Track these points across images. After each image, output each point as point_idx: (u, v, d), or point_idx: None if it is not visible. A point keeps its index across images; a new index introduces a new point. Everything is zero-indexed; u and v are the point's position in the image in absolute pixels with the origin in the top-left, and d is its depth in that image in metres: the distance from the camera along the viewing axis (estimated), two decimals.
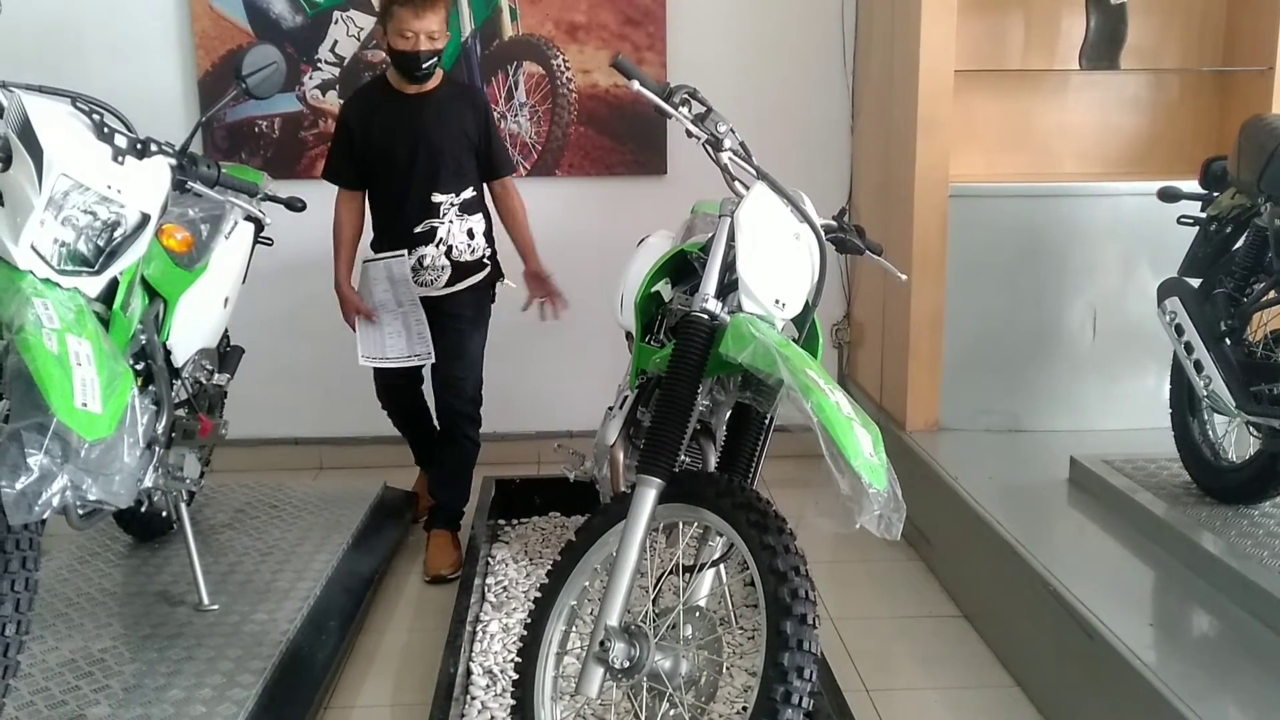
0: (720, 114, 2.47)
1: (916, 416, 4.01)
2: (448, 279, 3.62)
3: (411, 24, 3.35)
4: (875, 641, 3.22)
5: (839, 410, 2.10)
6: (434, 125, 3.52)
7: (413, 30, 3.36)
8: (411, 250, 3.56)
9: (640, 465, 2.30)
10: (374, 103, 3.56)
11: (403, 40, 3.38)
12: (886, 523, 2.07)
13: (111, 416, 1.99)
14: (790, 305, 2.39)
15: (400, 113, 3.52)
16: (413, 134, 3.51)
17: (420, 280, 3.59)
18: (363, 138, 3.54)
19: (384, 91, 3.57)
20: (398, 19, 3.36)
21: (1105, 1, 3.86)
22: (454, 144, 3.55)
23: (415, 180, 3.53)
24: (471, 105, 3.62)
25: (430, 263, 3.59)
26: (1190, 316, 2.91)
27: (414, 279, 3.57)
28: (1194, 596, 2.69)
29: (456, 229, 3.60)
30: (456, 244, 3.61)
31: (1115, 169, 4.26)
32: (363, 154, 3.56)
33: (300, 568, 3.24)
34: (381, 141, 3.53)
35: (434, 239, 3.58)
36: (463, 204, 3.61)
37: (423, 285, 3.60)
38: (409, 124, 3.51)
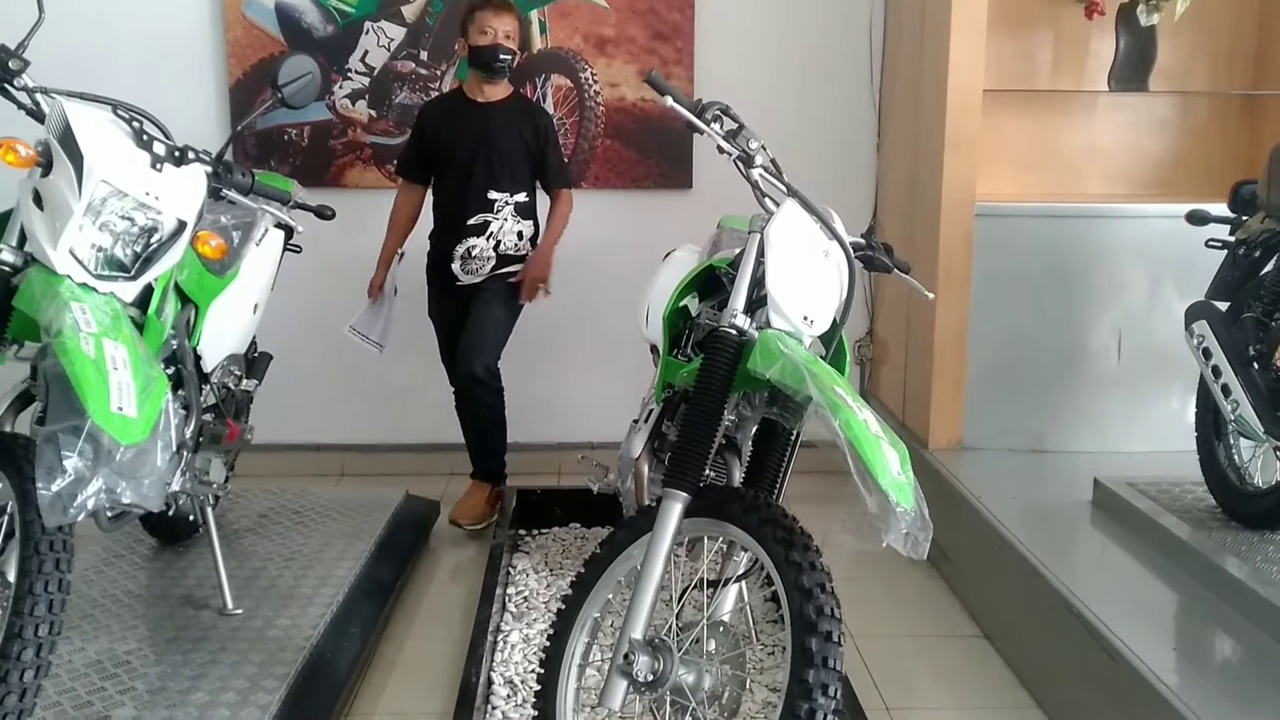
0: (752, 130, 2.48)
1: (939, 435, 4.01)
2: (490, 269, 3.98)
3: (491, 21, 3.82)
4: (895, 660, 3.21)
5: (867, 428, 2.10)
6: (496, 129, 3.93)
7: (491, 27, 3.82)
8: (463, 240, 3.92)
9: (667, 479, 2.30)
10: (449, 107, 4.02)
11: (483, 36, 3.83)
12: (913, 542, 2.08)
13: (146, 421, 2.01)
14: (818, 322, 2.39)
15: (470, 116, 3.94)
16: (477, 135, 3.91)
17: (467, 269, 3.94)
18: (434, 136, 3.95)
19: (459, 99, 4.02)
20: (479, 19, 3.83)
21: (1135, 23, 3.86)
22: (512, 148, 3.94)
23: (475, 176, 3.91)
24: (532, 117, 4.03)
25: (478, 253, 3.94)
26: (1219, 340, 2.90)
27: (461, 268, 3.94)
28: (1219, 621, 2.68)
29: (509, 228, 3.97)
30: (506, 241, 3.97)
31: (1142, 190, 4.26)
32: (432, 151, 3.97)
33: (323, 574, 3.26)
34: (450, 140, 3.94)
35: (485, 232, 3.94)
36: (517, 205, 3.98)
37: (469, 274, 3.96)
38: (476, 126, 3.92)
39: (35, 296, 2.16)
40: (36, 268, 2.23)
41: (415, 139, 4.03)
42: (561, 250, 4.67)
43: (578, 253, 4.66)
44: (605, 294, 4.50)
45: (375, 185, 4.59)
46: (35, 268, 2.23)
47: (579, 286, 4.66)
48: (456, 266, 3.94)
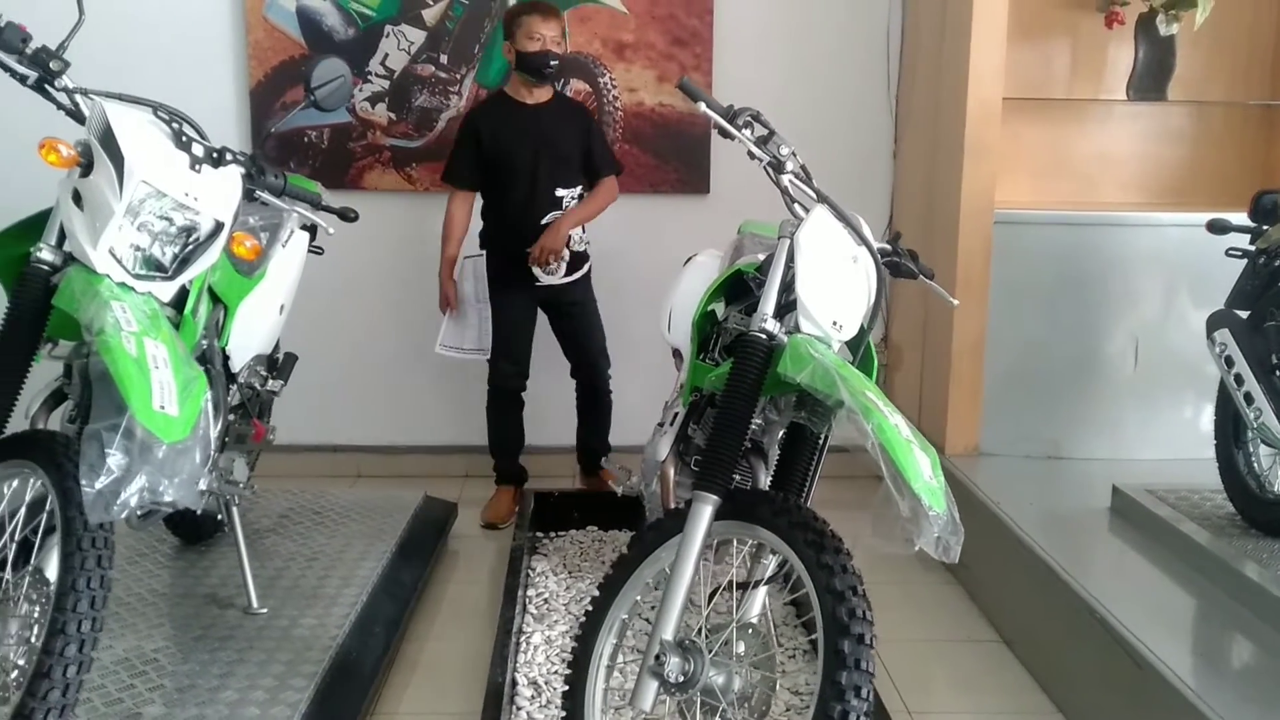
0: (782, 137, 2.50)
1: (956, 441, 4.03)
2: (566, 268, 4.05)
3: (540, 27, 3.87)
4: (915, 664, 3.22)
5: (899, 432, 2.12)
6: (553, 129, 4.02)
7: (540, 33, 3.87)
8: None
9: (697, 482, 2.32)
10: (500, 114, 4.03)
11: (532, 42, 3.88)
12: (945, 545, 2.10)
13: (187, 419, 2.03)
14: (847, 327, 2.41)
15: (525, 120, 4.00)
16: (537, 137, 3.98)
17: (547, 269, 4.00)
18: (492, 143, 3.99)
19: (508, 104, 4.04)
20: (527, 25, 3.88)
21: (1155, 32, 3.89)
22: (569, 145, 4.06)
23: (540, 177, 3.99)
24: (579, 115, 4.17)
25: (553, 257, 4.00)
26: (1241, 348, 2.92)
27: (538, 269, 3.99)
28: (1243, 627, 2.70)
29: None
30: (573, 236, 4.06)
31: (1158, 199, 4.28)
32: (492, 158, 3.99)
33: (346, 574, 3.28)
34: (510, 145, 3.98)
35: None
36: (577, 199, 4.08)
37: (547, 274, 4.02)
38: (533, 128, 3.99)
39: (75, 295, 2.18)
40: (76, 267, 2.25)
41: (468, 147, 4.03)
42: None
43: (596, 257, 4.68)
44: (623, 298, 4.51)
45: (394, 188, 4.61)
46: (75, 267, 2.25)
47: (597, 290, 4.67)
48: (536, 268, 3.98)
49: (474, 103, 4.54)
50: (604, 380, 4.29)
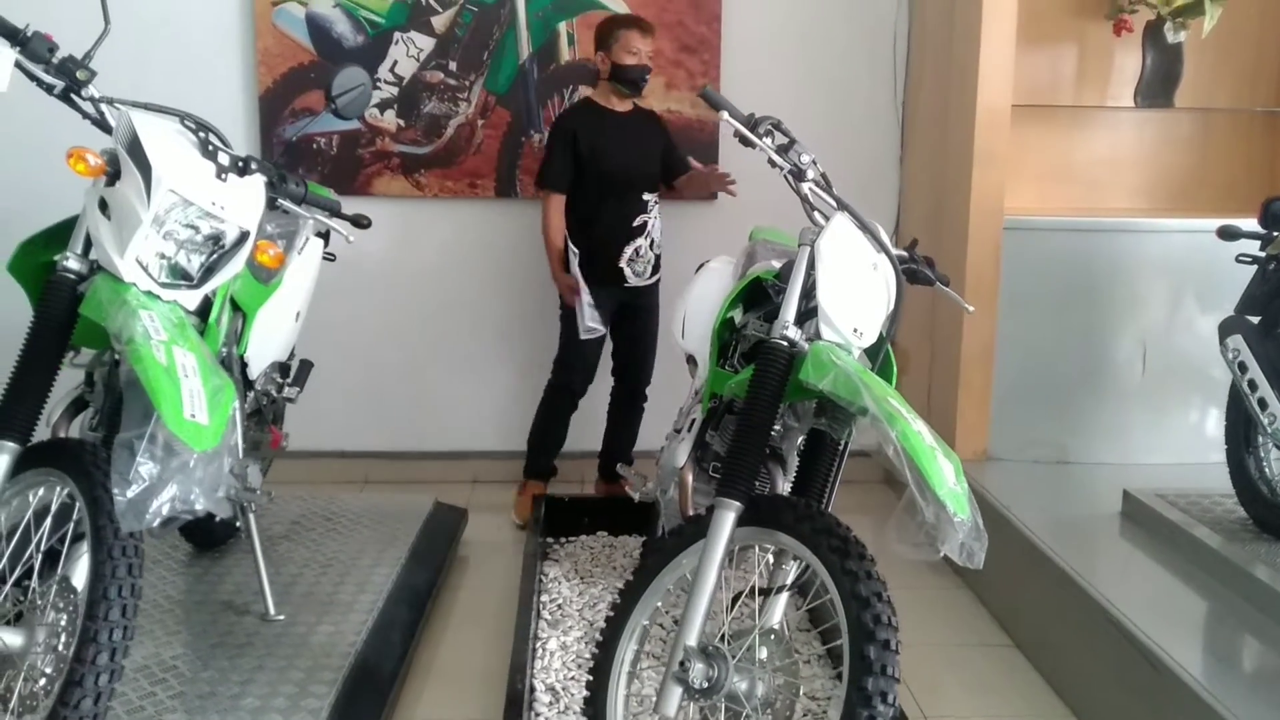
0: (803, 145, 2.52)
1: (965, 446, 4.04)
2: (651, 269, 4.19)
3: (638, 42, 4.00)
4: (928, 669, 3.23)
5: (923, 439, 2.14)
6: (644, 136, 4.19)
7: (639, 47, 4.01)
8: (631, 241, 4.10)
9: (719, 488, 2.33)
10: (596, 120, 4.11)
11: (630, 56, 4.00)
12: (969, 551, 2.11)
13: (217, 428, 2.04)
14: (867, 334, 2.43)
15: (619, 127, 4.13)
16: (631, 144, 4.13)
17: (635, 270, 4.12)
18: (589, 147, 4.06)
19: (600, 111, 4.13)
20: (625, 39, 3.99)
21: (1162, 40, 3.91)
22: (654, 152, 4.22)
23: (635, 182, 4.12)
24: (656, 122, 4.32)
25: (642, 253, 4.13)
26: (1254, 354, 2.94)
27: (631, 269, 4.11)
28: (1257, 631, 2.72)
29: (657, 226, 4.21)
30: (655, 236, 4.20)
31: (1165, 205, 4.31)
32: (589, 161, 4.06)
33: (361, 580, 3.28)
34: (608, 151, 4.08)
35: (644, 232, 4.15)
36: (657, 204, 4.22)
37: (637, 275, 4.13)
38: (627, 135, 4.13)
39: (103, 304, 2.18)
40: (103, 275, 2.26)
41: (566, 152, 4.07)
42: None
43: None
44: None
45: (402, 194, 4.62)
46: (101, 275, 2.26)
47: None
48: (627, 269, 4.08)
49: (481, 109, 4.56)
50: (645, 388, 4.39)
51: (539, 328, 4.77)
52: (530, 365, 4.80)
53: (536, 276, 4.73)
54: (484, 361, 4.79)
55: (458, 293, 4.75)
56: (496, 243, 4.72)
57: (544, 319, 4.76)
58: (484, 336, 4.78)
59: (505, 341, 4.79)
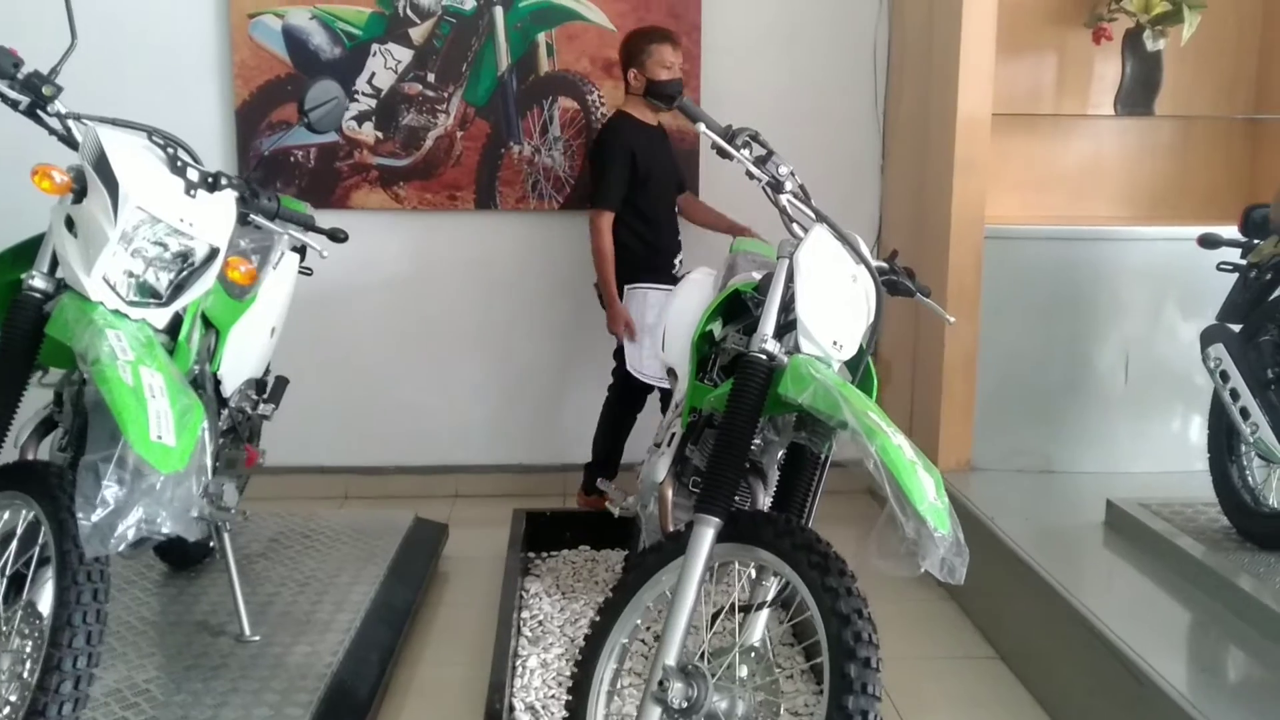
0: (781, 157, 2.50)
1: (949, 456, 4.02)
2: None
3: (670, 56, 4.02)
4: (912, 681, 3.21)
5: (903, 454, 2.12)
6: (669, 150, 4.25)
7: (671, 61, 4.02)
8: (679, 250, 4.22)
9: (698, 504, 2.31)
10: (643, 136, 4.11)
11: (665, 71, 4.01)
12: (950, 567, 2.09)
13: (184, 449, 2.00)
14: (847, 347, 2.41)
15: (658, 141, 4.18)
16: (667, 157, 4.21)
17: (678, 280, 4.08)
18: (646, 166, 4.06)
19: (638, 125, 4.11)
20: (659, 54, 4.01)
21: (1142, 48, 3.91)
22: (678, 165, 4.31)
23: (671, 194, 4.23)
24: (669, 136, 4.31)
25: (679, 269, 4.17)
26: (1236, 363, 2.93)
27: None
28: (1243, 642, 2.70)
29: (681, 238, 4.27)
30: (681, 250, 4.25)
31: (1147, 213, 4.30)
32: (643, 178, 4.06)
33: (339, 599, 3.24)
34: (655, 165, 4.11)
35: (680, 247, 4.25)
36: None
37: None
38: (665, 148, 4.21)
39: (69, 323, 2.14)
40: (69, 294, 2.22)
41: (624, 169, 4.02)
42: (568, 272, 4.71)
43: (584, 275, 4.67)
44: None
45: (381, 207, 4.58)
46: (68, 294, 2.22)
47: (586, 308, 4.66)
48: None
49: (460, 121, 4.53)
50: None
51: (520, 340, 4.74)
52: (511, 378, 4.78)
53: (517, 289, 4.71)
54: (465, 375, 4.76)
55: (438, 306, 4.71)
56: (477, 255, 4.69)
57: (526, 331, 4.73)
58: (465, 350, 4.75)
59: (486, 355, 4.76)
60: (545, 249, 4.68)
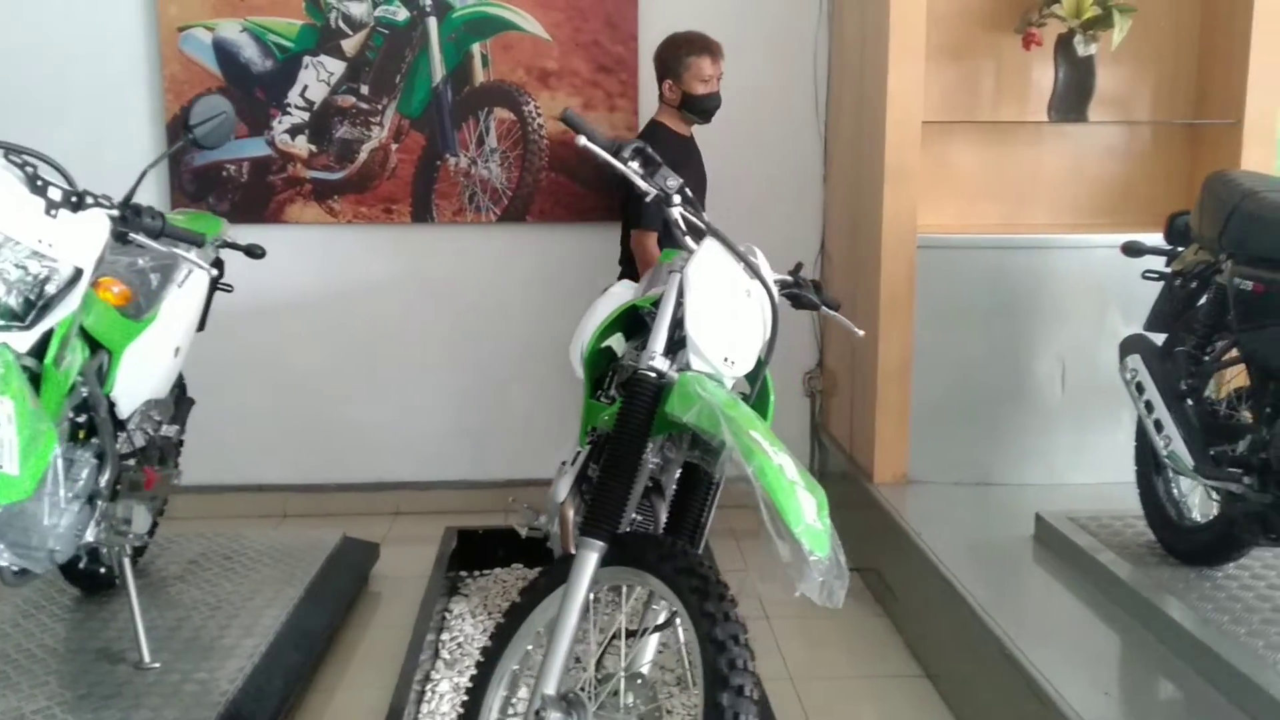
0: (669, 170, 2.45)
1: (885, 469, 3.96)
2: None
3: (709, 69, 3.90)
4: (837, 702, 3.15)
5: (782, 474, 2.06)
6: (701, 162, 4.09)
7: (710, 74, 3.90)
8: None
9: (583, 527, 2.25)
10: (679, 149, 3.95)
11: (703, 84, 3.91)
12: (829, 590, 2.04)
13: (30, 478, 1.94)
14: (740, 363, 2.35)
15: (692, 154, 4.05)
16: (697, 170, 4.04)
17: None
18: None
19: (673, 137, 4.00)
20: (696, 67, 3.89)
21: (1073, 53, 3.85)
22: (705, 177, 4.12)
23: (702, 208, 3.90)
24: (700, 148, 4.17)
25: None
26: (1151, 374, 2.87)
27: None
28: (1152, 663, 2.63)
29: None
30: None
31: (1088, 220, 4.24)
32: None
33: (249, 623, 3.17)
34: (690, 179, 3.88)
35: None
36: None
37: None
38: (697, 162, 4.06)
39: None
40: None
41: None
42: (507, 286, 4.65)
43: (523, 288, 4.63)
44: (551, 329, 4.43)
45: (316, 221, 4.53)
46: None
47: (525, 322, 4.61)
48: None
49: (394, 133, 4.48)
50: None
51: (461, 354, 4.68)
52: (452, 393, 4.72)
53: (456, 303, 4.65)
54: (405, 390, 4.70)
55: (377, 320, 4.65)
56: (414, 269, 4.63)
57: (466, 345, 4.67)
58: (405, 364, 4.69)
59: (427, 369, 4.70)
60: (484, 262, 4.63)
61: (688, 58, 3.88)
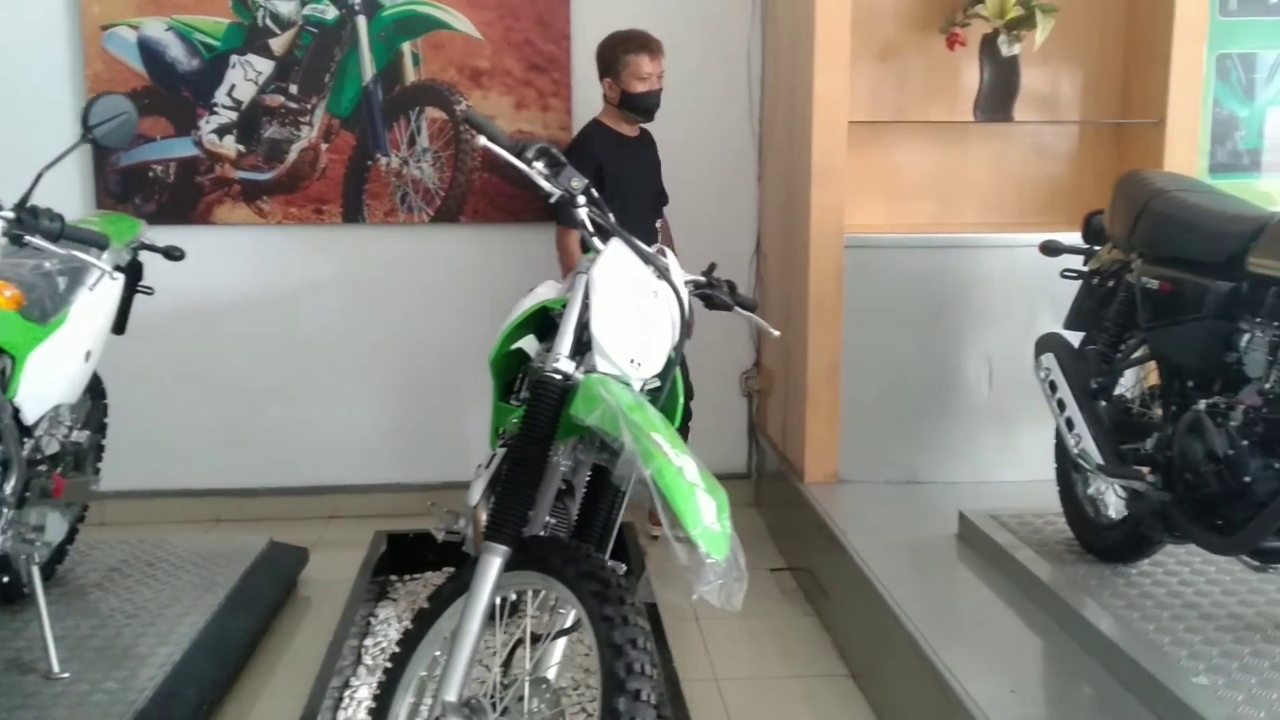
0: (574, 170, 2.43)
1: (815, 468, 3.96)
2: None
3: (648, 66, 3.90)
4: (761, 703, 3.15)
5: (681, 476, 2.04)
6: (650, 162, 4.14)
7: (649, 72, 3.90)
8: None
9: (486, 532, 2.23)
10: (615, 147, 4.02)
11: (641, 82, 3.90)
12: (727, 593, 2.02)
13: None
14: (647, 365, 2.34)
15: (634, 152, 4.07)
16: (644, 169, 4.09)
17: None
18: (615, 178, 3.89)
19: (612, 135, 4.04)
20: (635, 65, 3.89)
21: (997, 53, 3.87)
22: (658, 176, 4.17)
23: (647, 209, 4.05)
24: (654, 146, 4.21)
25: None
26: (1064, 373, 2.89)
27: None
28: (1063, 660, 2.64)
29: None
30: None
31: (1016, 219, 4.26)
32: (616, 192, 3.74)
33: (164, 631, 3.12)
34: (627, 177, 3.97)
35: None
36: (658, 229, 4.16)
37: None
38: (640, 161, 4.08)
39: None
40: None
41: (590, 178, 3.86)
42: (440, 286, 4.62)
43: (457, 288, 4.59)
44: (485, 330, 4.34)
45: (245, 222, 4.47)
46: None
47: (459, 322, 4.58)
48: None
49: (324, 133, 4.43)
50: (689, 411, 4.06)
51: (395, 356, 4.64)
52: (386, 395, 4.68)
53: (389, 304, 4.61)
54: (339, 392, 4.65)
55: (309, 322, 4.60)
56: (346, 270, 4.59)
57: (400, 346, 4.63)
58: (339, 366, 4.64)
59: (361, 371, 4.66)
60: (417, 263, 4.59)
61: (626, 55, 3.88)
